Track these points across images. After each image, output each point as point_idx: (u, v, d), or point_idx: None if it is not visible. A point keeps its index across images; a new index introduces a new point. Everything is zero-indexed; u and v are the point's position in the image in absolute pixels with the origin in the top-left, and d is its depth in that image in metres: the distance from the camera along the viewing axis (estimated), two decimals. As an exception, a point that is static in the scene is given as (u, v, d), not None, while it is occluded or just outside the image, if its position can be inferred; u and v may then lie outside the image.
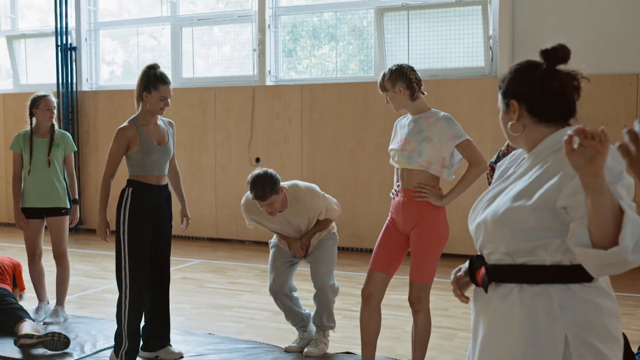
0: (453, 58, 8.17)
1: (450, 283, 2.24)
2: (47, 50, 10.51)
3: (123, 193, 4.42)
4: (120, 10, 10.52)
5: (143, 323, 4.60)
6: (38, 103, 5.40)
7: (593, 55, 7.15)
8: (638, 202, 2.55)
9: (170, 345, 4.66)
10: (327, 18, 9.07)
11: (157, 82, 4.35)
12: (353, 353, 4.68)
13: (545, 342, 1.92)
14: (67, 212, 5.46)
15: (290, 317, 4.76)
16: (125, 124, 4.40)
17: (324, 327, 4.71)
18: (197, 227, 9.31)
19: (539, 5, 7.67)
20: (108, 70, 10.56)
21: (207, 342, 4.94)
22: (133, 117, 4.44)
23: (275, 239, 4.86)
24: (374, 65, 8.61)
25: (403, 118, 4.04)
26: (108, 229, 4.46)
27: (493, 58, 7.94)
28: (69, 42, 10.11)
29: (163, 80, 4.36)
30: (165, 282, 4.65)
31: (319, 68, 9.24)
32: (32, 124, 5.43)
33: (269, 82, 9.07)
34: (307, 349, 4.64)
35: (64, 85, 10.00)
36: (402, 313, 5.62)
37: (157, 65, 4.44)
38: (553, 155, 1.98)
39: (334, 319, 4.77)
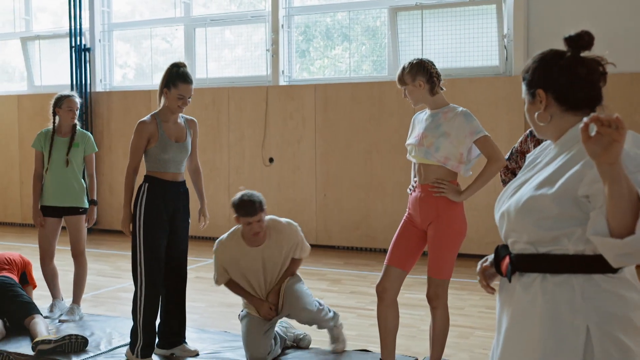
0: (467, 57, 8.15)
1: (477, 274, 2.22)
2: (61, 52, 10.56)
3: (140, 189, 4.43)
4: (134, 13, 10.55)
5: (159, 320, 4.60)
6: (61, 103, 5.41)
7: (609, 54, 7.09)
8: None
9: (186, 343, 4.66)
10: (340, 18, 9.07)
11: (177, 80, 4.33)
12: (369, 351, 4.65)
13: (567, 332, 1.90)
14: (84, 211, 5.47)
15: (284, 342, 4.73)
16: (147, 118, 4.42)
17: (336, 328, 4.71)
18: (210, 227, 9.23)
19: (554, 4, 7.63)
20: (121, 74, 10.59)
21: (221, 339, 4.94)
22: (154, 112, 4.46)
23: (244, 310, 4.61)
24: (388, 66, 8.60)
25: (421, 113, 4.01)
26: (132, 223, 4.42)
27: (507, 57, 7.91)
28: (83, 43, 10.15)
29: (183, 79, 4.34)
30: (182, 279, 4.65)
31: (332, 69, 9.23)
32: (54, 123, 5.45)
33: (283, 82, 9.07)
34: (332, 346, 4.64)
35: (78, 86, 10.03)
36: (417, 312, 5.59)
37: (182, 64, 4.41)
38: (578, 144, 1.96)
39: (337, 320, 4.70)
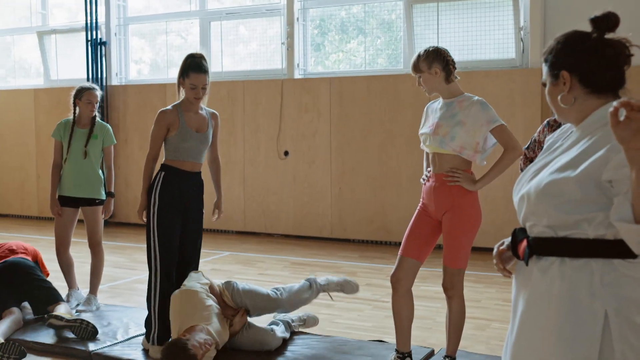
0: (483, 50, 8.10)
1: (493, 257, 2.20)
2: (77, 46, 10.60)
3: (156, 177, 4.46)
4: (149, 7, 10.56)
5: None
6: (81, 95, 5.44)
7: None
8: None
9: None
10: (355, 12, 9.04)
11: (189, 70, 4.34)
12: (385, 342, 4.65)
13: (585, 317, 1.88)
14: (101, 202, 5.49)
15: None
16: (168, 108, 4.46)
17: (326, 289, 4.77)
18: (225, 220, 9.33)
19: (571, -4, 7.57)
20: (136, 69, 10.62)
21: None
22: (177, 102, 4.49)
23: None
24: (403, 59, 8.57)
25: (434, 102, 3.98)
26: (154, 215, 4.43)
27: (524, 49, 7.86)
28: (99, 37, 10.19)
29: (195, 69, 4.33)
30: (196, 268, 4.68)
31: (347, 63, 9.21)
32: (74, 114, 5.48)
33: (298, 75, 9.06)
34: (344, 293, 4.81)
35: (94, 80, 10.06)
36: (434, 304, 5.58)
37: (197, 55, 4.40)
38: (602, 129, 1.94)
39: (307, 286, 4.68)
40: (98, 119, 5.51)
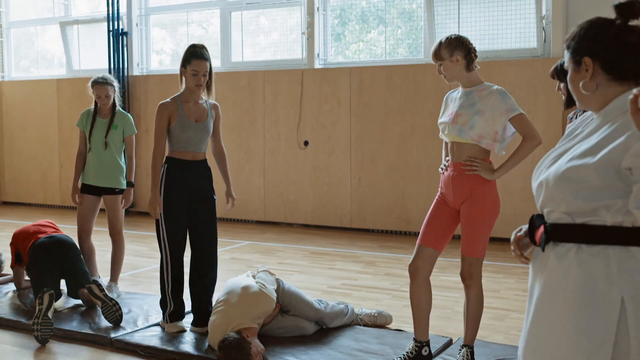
0: (505, 39, 8.05)
1: (511, 243, 2.20)
2: (99, 36, 10.68)
3: (160, 171, 4.60)
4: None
5: (193, 300, 4.76)
6: (92, 88, 5.51)
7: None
8: None
9: None
10: (375, 1, 9.01)
11: (191, 57, 4.46)
12: (403, 331, 4.66)
13: (601, 303, 1.87)
14: (121, 192, 5.54)
15: None
16: (167, 100, 4.58)
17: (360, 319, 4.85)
18: (245, 210, 9.38)
19: (594, -15, 7.49)
20: (157, 59, 10.68)
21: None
22: (176, 95, 4.60)
23: None
24: (424, 49, 8.52)
25: (454, 91, 3.97)
26: (160, 207, 4.54)
27: (546, 39, 7.79)
28: (120, 27, 10.25)
29: (196, 56, 4.44)
30: (212, 256, 4.75)
31: (368, 52, 9.19)
32: (95, 104, 5.53)
33: (318, 65, 9.06)
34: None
35: (116, 70, 10.14)
36: (452, 294, 5.57)
37: (199, 45, 4.52)
38: (623, 116, 1.92)
39: (346, 311, 4.78)
40: (119, 109, 5.55)
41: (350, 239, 8.20)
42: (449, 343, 4.42)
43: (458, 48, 3.76)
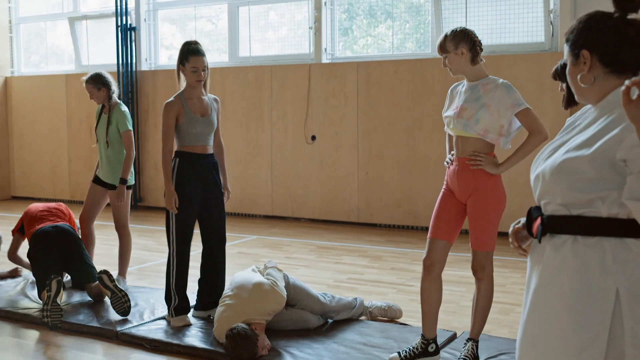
0: (512, 33, 8.02)
1: (509, 235, 2.21)
2: (107, 31, 10.71)
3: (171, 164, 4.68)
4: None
5: (198, 288, 4.89)
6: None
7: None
8: None
9: None
10: (383, -5, 8.99)
11: (188, 54, 4.55)
12: (409, 324, 4.67)
13: (596, 294, 1.89)
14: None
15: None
16: (171, 99, 4.65)
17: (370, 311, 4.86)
18: (253, 204, 9.40)
19: (603, -22, 7.44)
20: (167, 55, 10.70)
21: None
22: (178, 92, 4.68)
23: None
24: (431, 43, 8.51)
25: (459, 84, 3.96)
26: (176, 201, 4.59)
27: (553, 33, 7.76)
28: (129, 22, 10.28)
29: (193, 53, 4.54)
30: (221, 247, 4.85)
31: (375, 47, 9.18)
32: None
33: (325, 59, 9.05)
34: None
35: (124, 65, 10.17)
36: (458, 288, 5.57)
37: (193, 42, 4.62)
38: (619, 108, 1.93)
39: (354, 304, 4.79)
40: (119, 105, 5.54)
41: (358, 234, 8.21)
42: (453, 337, 4.42)
43: (463, 41, 3.76)
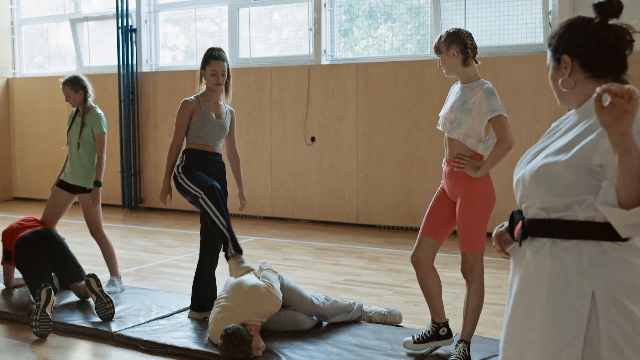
0: (511, 35, 8.02)
1: (492, 239, 2.24)
2: (108, 33, 10.74)
3: (179, 160, 4.79)
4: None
5: (194, 288, 4.89)
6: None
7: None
8: None
9: None
10: (383, -3, 9.00)
11: (209, 58, 4.72)
12: (403, 326, 4.67)
13: (573, 296, 1.91)
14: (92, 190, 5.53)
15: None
16: (191, 97, 4.79)
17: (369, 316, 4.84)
18: (252, 205, 9.41)
19: (601, -20, 7.43)
20: (170, 55, 10.74)
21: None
22: (198, 94, 4.81)
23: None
24: (430, 44, 8.51)
25: (456, 84, 4.00)
26: (170, 194, 4.77)
27: (553, 34, 7.75)
28: (130, 24, 10.31)
29: (214, 57, 4.72)
30: (217, 246, 4.93)
31: (376, 48, 9.18)
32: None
33: (325, 61, 9.07)
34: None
35: (125, 67, 10.20)
36: (453, 290, 5.58)
37: (216, 48, 4.78)
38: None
39: (351, 308, 4.78)
40: (94, 108, 5.53)
41: (356, 235, 8.22)
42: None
43: (455, 42, 3.81)
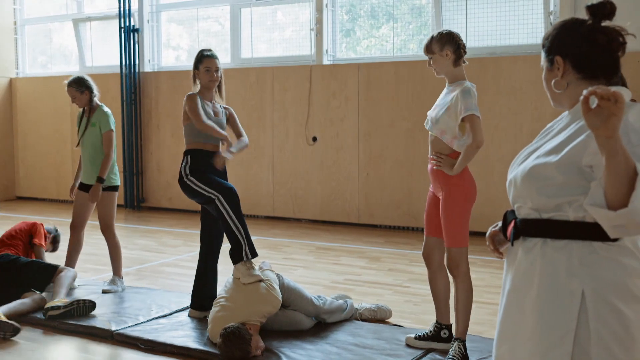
0: (512, 35, 8.02)
1: (486, 238, 2.26)
2: (111, 33, 10.77)
3: (182, 161, 4.78)
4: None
5: (195, 287, 4.92)
6: None
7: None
8: None
9: None
10: (385, -3, 9.01)
11: (202, 57, 4.80)
12: (402, 326, 4.69)
13: (563, 295, 1.92)
14: (107, 189, 5.54)
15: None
16: (193, 92, 4.80)
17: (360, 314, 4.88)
18: (254, 205, 9.43)
19: (603, -20, 7.43)
20: (174, 55, 10.76)
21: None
22: (195, 92, 4.84)
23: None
24: (432, 44, 8.50)
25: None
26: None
27: (554, 34, 7.75)
28: (132, 24, 10.33)
29: (205, 55, 4.79)
30: (217, 247, 4.98)
31: (377, 48, 9.19)
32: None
33: (326, 61, 9.08)
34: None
35: (127, 67, 10.23)
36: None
37: (207, 49, 4.85)
38: None
39: (345, 307, 4.80)
40: (102, 106, 5.58)
41: (357, 235, 8.23)
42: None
43: (448, 43, 3.89)
